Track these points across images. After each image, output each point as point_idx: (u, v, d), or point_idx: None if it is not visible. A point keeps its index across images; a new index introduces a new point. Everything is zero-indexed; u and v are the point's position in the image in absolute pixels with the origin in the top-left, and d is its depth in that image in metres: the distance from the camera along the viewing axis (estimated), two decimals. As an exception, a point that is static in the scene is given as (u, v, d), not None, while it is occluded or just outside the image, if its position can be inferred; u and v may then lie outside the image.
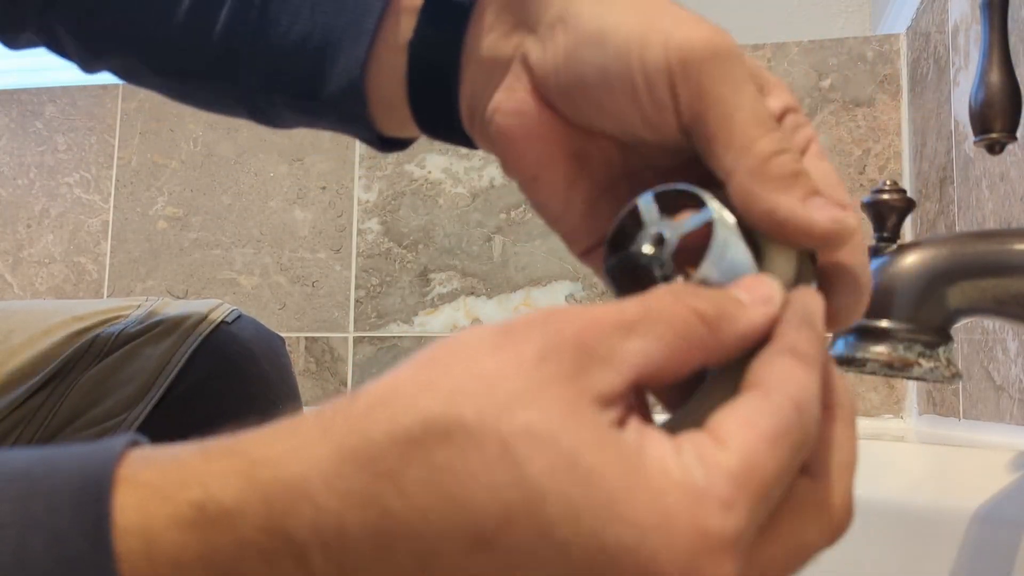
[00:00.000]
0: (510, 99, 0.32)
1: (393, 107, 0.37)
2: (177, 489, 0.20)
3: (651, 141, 0.30)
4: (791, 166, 0.27)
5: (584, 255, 0.34)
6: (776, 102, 0.29)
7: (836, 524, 0.24)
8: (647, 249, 0.28)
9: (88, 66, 0.46)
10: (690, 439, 0.22)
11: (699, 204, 0.27)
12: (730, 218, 0.27)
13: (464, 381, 0.21)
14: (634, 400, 0.23)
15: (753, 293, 0.25)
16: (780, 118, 0.29)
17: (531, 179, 0.33)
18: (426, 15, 0.35)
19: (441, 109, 0.35)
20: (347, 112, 0.38)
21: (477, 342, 0.22)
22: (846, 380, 0.27)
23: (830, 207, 0.27)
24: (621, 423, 0.22)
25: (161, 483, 0.20)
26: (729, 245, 0.27)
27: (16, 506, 0.20)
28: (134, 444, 0.22)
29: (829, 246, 0.27)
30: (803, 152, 0.29)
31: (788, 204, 0.26)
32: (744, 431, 0.22)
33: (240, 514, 0.20)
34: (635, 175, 0.33)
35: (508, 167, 0.34)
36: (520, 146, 0.32)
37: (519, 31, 0.32)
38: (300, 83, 0.38)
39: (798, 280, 0.27)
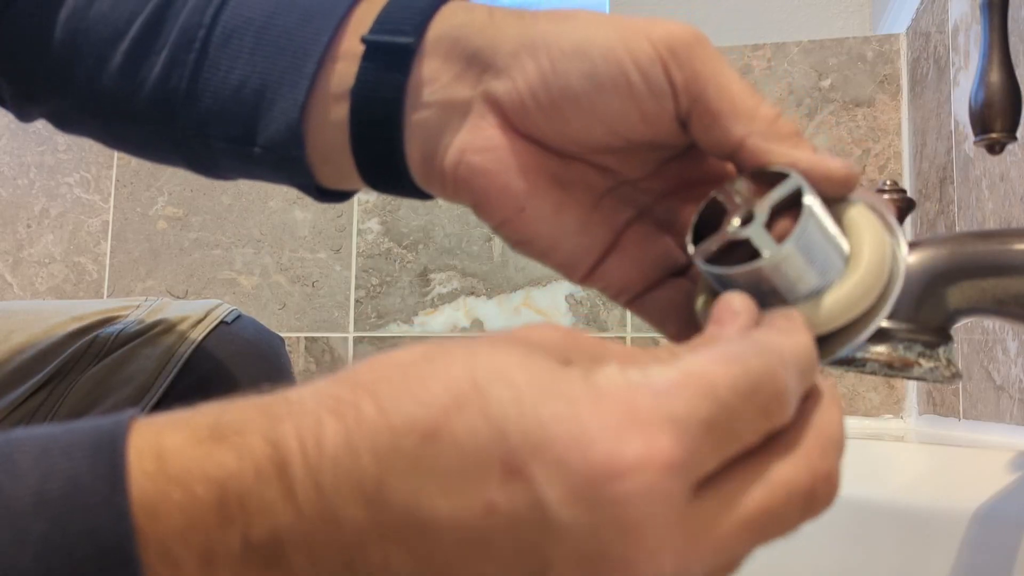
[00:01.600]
0: (479, 137, 0.32)
1: (333, 157, 0.36)
2: (191, 417, 0.22)
3: (641, 140, 0.31)
4: (793, 125, 0.30)
5: (587, 277, 0.34)
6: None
7: (815, 497, 0.24)
8: (739, 227, 0.28)
9: (23, 112, 0.44)
10: (640, 364, 0.22)
11: (773, 181, 0.29)
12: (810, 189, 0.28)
13: (440, 353, 0.22)
14: None
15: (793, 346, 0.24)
16: None
17: (517, 212, 0.32)
18: (367, 62, 0.34)
19: (386, 159, 0.35)
20: (285, 158, 0.36)
21: (454, 343, 0.23)
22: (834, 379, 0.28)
23: (836, 157, 0.29)
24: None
25: (176, 418, 0.22)
26: (818, 214, 0.28)
27: (35, 458, 0.20)
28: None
29: (845, 189, 0.29)
30: None
31: (806, 156, 0.29)
32: (695, 353, 0.22)
33: (245, 428, 0.21)
34: (615, 192, 0.33)
35: (487, 207, 0.33)
36: (501, 180, 0.32)
37: (471, 72, 0.32)
38: (237, 128, 0.37)
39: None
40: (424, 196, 0.36)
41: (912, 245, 0.46)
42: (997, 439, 0.76)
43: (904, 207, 0.48)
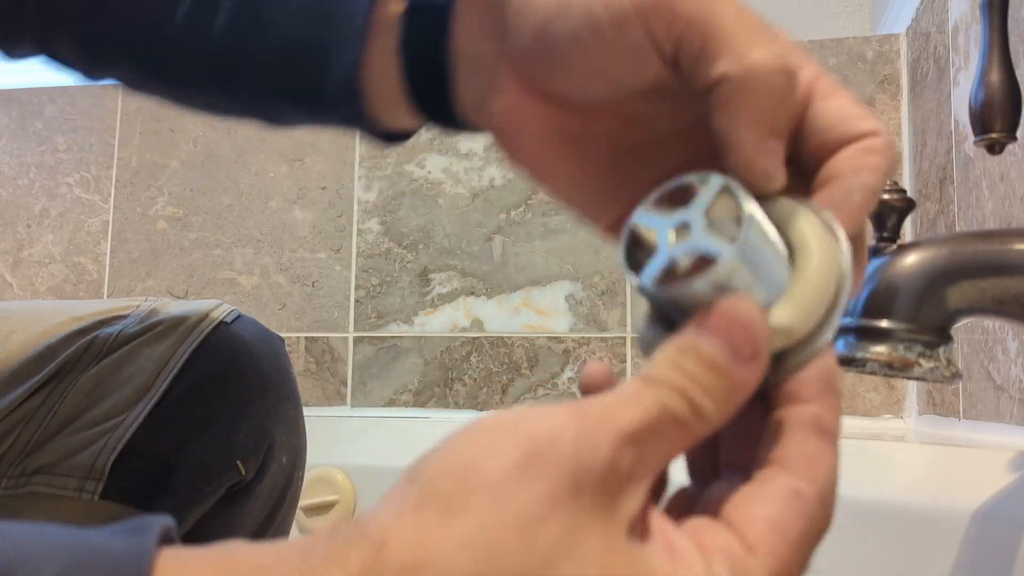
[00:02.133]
0: (499, 97, 0.33)
1: (391, 104, 0.38)
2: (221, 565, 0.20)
3: (644, 90, 0.30)
4: (784, 86, 0.27)
5: (608, 230, 0.34)
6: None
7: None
8: (676, 242, 0.25)
9: (91, 74, 0.46)
10: (719, 547, 0.22)
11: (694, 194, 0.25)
12: (750, 210, 0.25)
13: (501, 535, 0.20)
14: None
15: (742, 351, 0.24)
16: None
17: (536, 170, 0.34)
18: (409, 21, 0.36)
19: (440, 104, 0.36)
20: (347, 111, 0.39)
21: (504, 474, 0.21)
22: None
23: (772, 153, 0.27)
24: (647, 534, 0.22)
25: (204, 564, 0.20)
26: (760, 224, 0.25)
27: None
28: (164, 541, 0.21)
29: (770, 188, 0.27)
30: (810, 95, 0.28)
31: (747, 143, 0.27)
32: (774, 537, 0.23)
33: None
34: (639, 150, 0.33)
35: (512, 161, 0.34)
36: (517, 140, 0.33)
37: (497, 29, 0.33)
38: (299, 85, 0.39)
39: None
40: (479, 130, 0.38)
41: (912, 245, 0.46)
42: (997, 439, 0.76)
43: (904, 207, 0.48)
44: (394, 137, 0.41)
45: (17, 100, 1.48)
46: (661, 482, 0.27)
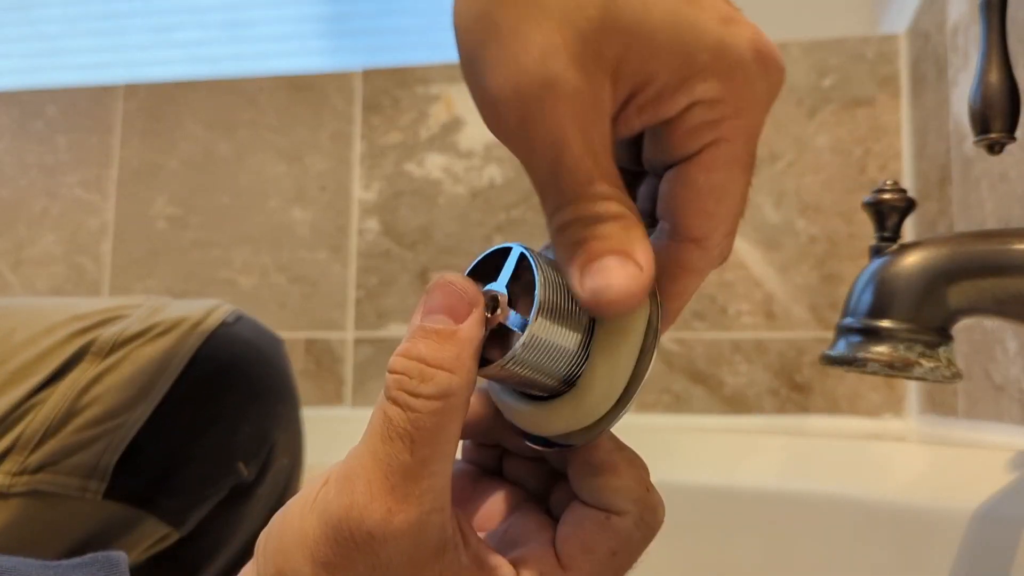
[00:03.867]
0: None
1: None
2: None
3: None
4: (579, 234, 0.26)
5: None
6: (704, 87, 0.26)
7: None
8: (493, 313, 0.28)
9: None
10: (539, 566, 0.27)
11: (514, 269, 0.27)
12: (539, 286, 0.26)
13: None
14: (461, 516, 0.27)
15: (450, 309, 0.26)
16: (692, 106, 0.26)
17: None
18: None
19: None
20: None
21: (311, 572, 0.25)
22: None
23: (596, 275, 0.26)
24: (463, 547, 0.26)
25: None
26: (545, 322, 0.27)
27: None
28: None
29: (595, 312, 0.27)
30: (696, 154, 0.27)
31: (572, 277, 0.26)
32: (585, 559, 0.27)
33: None
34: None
35: None
36: None
37: None
38: None
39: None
40: None
41: (912, 245, 0.46)
42: (997, 439, 0.76)
43: (905, 207, 0.48)
44: None
45: (17, 100, 1.48)
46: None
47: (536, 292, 0.26)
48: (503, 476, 0.33)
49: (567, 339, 0.27)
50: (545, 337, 0.26)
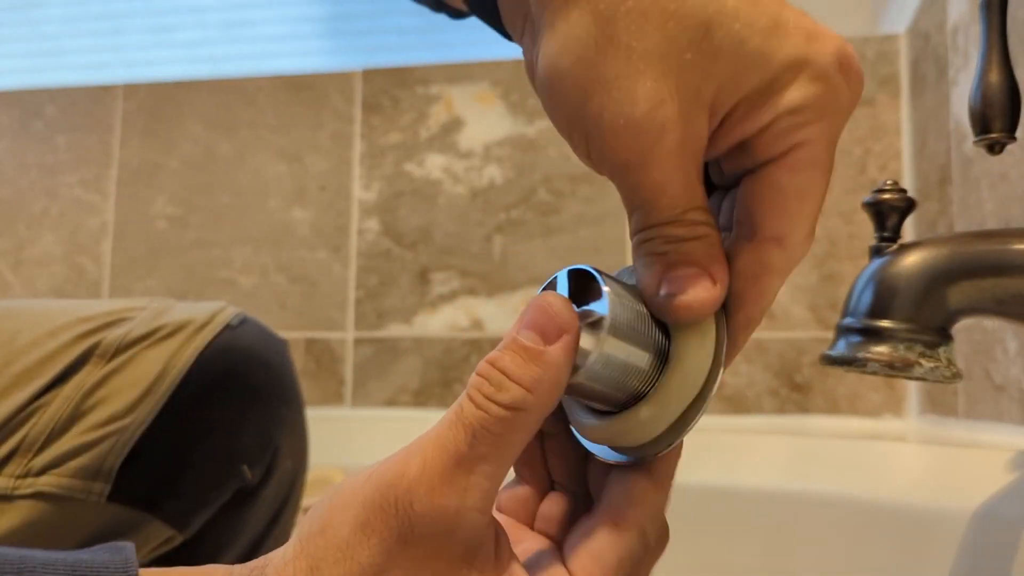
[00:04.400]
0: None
1: None
2: None
3: None
4: (663, 247, 0.28)
5: None
6: (792, 95, 0.27)
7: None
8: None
9: None
10: None
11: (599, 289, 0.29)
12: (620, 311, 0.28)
13: None
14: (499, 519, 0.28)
15: (542, 328, 0.27)
16: (784, 115, 0.27)
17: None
18: None
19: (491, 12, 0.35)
20: None
21: (349, 533, 0.26)
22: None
23: (672, 284, 0.28)
24: (494, 561, 0.27)
25: None
26: (613, 344, 0.28)
27: None
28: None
29: (668, 318, 0.29)
30: (782, 156, 0.28)
31: (648, 283, 0.29)
32: (592, 565, 0.28)
33: None
34: None
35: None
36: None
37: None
38: None
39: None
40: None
41: (912, 245, 0.46)
42: (997, 439, 0.76)
43: (905, 207, 0.48)
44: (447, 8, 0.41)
45: (17, 100, 1.48)
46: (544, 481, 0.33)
47: (607, 309, 0.28)
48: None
49: (639, 354, 0.28)
50: (617, 352, 0.28)
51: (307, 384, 1.31)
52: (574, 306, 0.28)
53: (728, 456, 0.83)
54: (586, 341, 0.28)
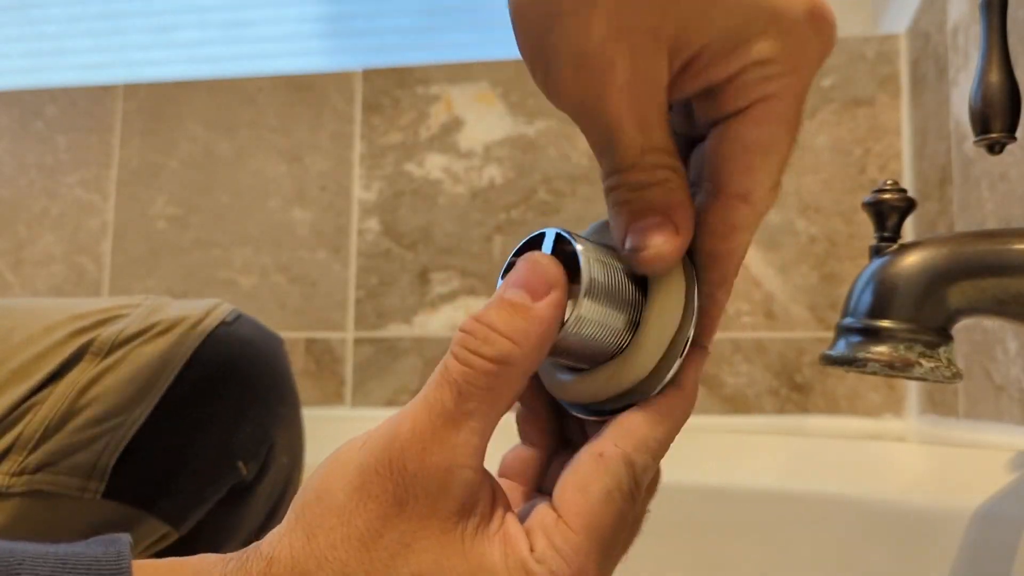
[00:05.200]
0: None
1: None
2: None
3: None
4: (625, 196, 0.28)
5: None
6: (759, 46, 0.27)
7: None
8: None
9: None
10: (539, 524, 0.27)
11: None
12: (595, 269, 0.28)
13: (349, 551, 0.25)
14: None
15: (531, 286, 0.27)
16: (749, 66, 0.27)
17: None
18: None
19: None
20: None
21: (344, 498, 0.26)
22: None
23: (637, 235, 0.28)
24: (488, 517, 0.27)
25: None
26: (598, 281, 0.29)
27: None
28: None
29: (635, 268, 0.29)
30: (746, 109, 0.28)
31: (617, 235, 0.29)
32: (576, 497, 0.27)
33: None
34: None
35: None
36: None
37: None
38: None
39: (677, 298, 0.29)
40: None
41: (912, 245, 0.46)
42: (997, 439, 0.76)
43: (905, 207, 0.48)
44: None
45: (17, 100, 1.48)
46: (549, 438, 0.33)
47: (582, 267, 0.28)
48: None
49: (614, 314, 0.29)
50: (594, 313, 0.28)
51: (307, 384, 1.31)
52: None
53: (727, 456, 0.83)
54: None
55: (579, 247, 0.28)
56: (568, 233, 0.29)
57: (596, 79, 0.26)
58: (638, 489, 0.28)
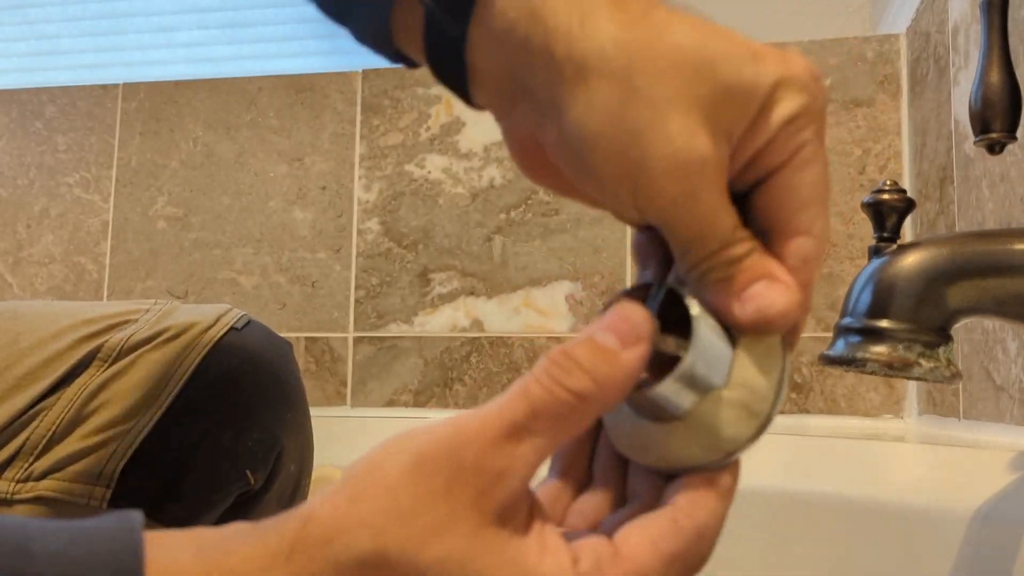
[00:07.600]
0: (515, 132, 0.34)
1: (416, 54, 0.37)
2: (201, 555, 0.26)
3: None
4: (726, 272, 0.30)
5: (638, 227, 0.36)
6: (785, 107, 0.30)
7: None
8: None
9: None
10: (591, 548, 0.28)
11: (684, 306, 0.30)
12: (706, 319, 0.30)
13: (388, 519, 0.26)
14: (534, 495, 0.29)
15: (622, 333, 0.29)
16: (783, 126, 0.30)
17: (556, 187, 0.36)
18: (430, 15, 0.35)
19: (458, 84, 0.35)
20: (379, 45, 0.38)
21: (397, 474, 0.27)
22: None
23: (755, 299, 0.30)
24: (525, 527, 0.28)
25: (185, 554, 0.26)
26: (704, 340, 0.29)
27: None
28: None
29: (759, 331, 0.30)
30: (789, 160, 0.31)
31: (722, 303, 0.30)
32: (645, 550, 0.28)
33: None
34: None
35: (528, 176, 0.36)
36: (533, 167, 0.35)
37: (519, 93, 0.33)
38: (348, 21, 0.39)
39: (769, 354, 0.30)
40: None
41: (912, 245, 0.46)
42: (997, 439, 0.76)
43: (904, 207, 0.48)
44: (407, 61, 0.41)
45: (17, 100, 1.48)
46: (584, 475, 0.34)
47: (693, 328, 0.29)
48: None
49: (710, 380, 0.30)
50: (693, 382, 0.29)
51: (307, 384, 1.31)
52: (656, 320, 0.29)
53: (728, 456, 0.83)
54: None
55: (693, 312, 0.30)
56: (683, 292, 0.30)
57: (690, 175, 0.29)
58: (701, 562, 0.29)
